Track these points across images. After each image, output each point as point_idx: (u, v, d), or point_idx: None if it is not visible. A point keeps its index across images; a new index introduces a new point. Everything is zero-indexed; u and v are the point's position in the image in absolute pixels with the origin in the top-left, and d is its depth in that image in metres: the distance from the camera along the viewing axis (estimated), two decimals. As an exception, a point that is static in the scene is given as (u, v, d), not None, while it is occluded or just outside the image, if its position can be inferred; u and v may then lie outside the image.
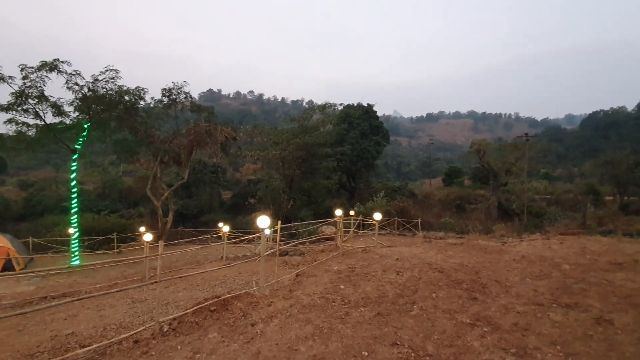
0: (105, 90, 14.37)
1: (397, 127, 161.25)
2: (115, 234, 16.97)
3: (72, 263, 12.96)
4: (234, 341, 3.76)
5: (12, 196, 45.04)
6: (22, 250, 13.48)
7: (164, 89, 17.75)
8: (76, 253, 13.34)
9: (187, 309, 4.92)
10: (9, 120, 12.95)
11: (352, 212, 15.24)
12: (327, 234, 14.79)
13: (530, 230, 21.39)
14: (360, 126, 36.82)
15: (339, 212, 10.70)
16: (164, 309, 6.75)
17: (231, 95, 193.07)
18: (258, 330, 3.99)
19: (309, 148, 26.68)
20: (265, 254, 6.19)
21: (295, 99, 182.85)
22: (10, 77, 12.12)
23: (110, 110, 15.16)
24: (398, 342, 3.72)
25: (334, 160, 30.06)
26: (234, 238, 16.07)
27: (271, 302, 5.03)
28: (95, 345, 3.91)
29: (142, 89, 15.94)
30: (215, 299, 4.87)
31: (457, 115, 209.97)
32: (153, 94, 17.44)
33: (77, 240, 13.53)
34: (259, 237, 6.32)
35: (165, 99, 18.01)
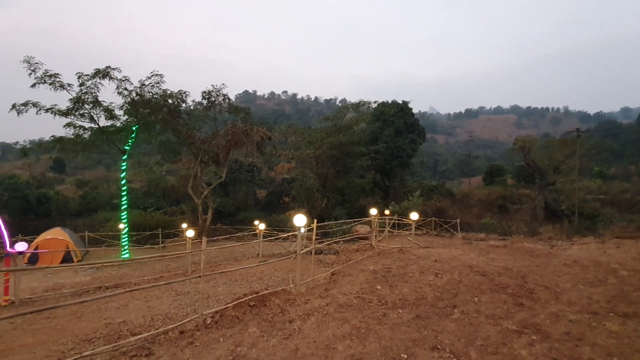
0: (151, 94, 15.30)
1: (434, 124, 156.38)
2: (160, 229, 18.00)
3: (122, 256, 13.93)
4: (272, 336, 3.84)
5: (70, 194, 49.31)
6: (79, 243, 14.72)
7: (204, 92, 18.53)
8: (126, 247, 14.32)
9: (227, 303, 5.10)
10: (68, 124, 14.18)
11: (386, 212, 14.99)
12: (362, 233, 14.67)
13: (582, 233, 19.79)
14: (394, 124, 36.10)
15: (373, 211, 10.57)
16: (206, 302, 7.05)
17: (266, 96, 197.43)
18: (296, 327, 4.05)
19: (342, 147, 26.58)
20: (301, 252, 6.26)
21: (328, 98, 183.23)
22: (69, 85, 13.28)
23: (156, 113, 16.07)
24: (439, 347, 3.60)
25: (368, 159, 29.74)
26: (270, 236, 16.43)
27: (307, 299, 5.08)
28: (145, 334, 4.17)
29: (184, 92, 16.76)
30: (254, 295, 5.01)
31: (498, 110, 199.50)
32: (193, 97, 18.30)
33: (126, 235, 14.52)
34: (294, 236, 6.40)
35: (205, 101, 18.78)
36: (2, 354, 4.62)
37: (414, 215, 10.30)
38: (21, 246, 7.04)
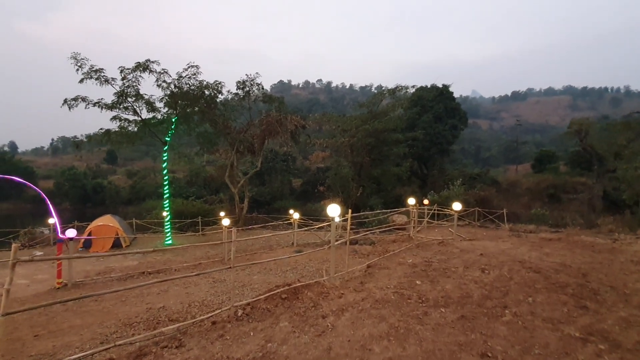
0: (188, 85, 15.65)
1: (477, 108, 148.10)
2: (200, 217, 18.67)
3: (165, 243, 14.61)
4: (304, 333, 3.65)
5: (121, 183, 53.13)
6: (127, 230, 15.63)
7: (239, 82, 18.66)
8: (169, 234, 15.00)
9: (260, 294, 5.00)
10: (114, 117, 14.96)
11: (425, 201, 14.31)
12: (399, 224, 14.16)
13: (648, 225, 17.70)
14: (434, 109, 34.44)
15: (411, 200, 10.06)
16: (241, 290, 7.09)
17: (300, 85, 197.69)
18: (329, 324, 3.83)
19: (378, 134, 25.81)
20: (336, 243, 6.02)
21: (363, 85, 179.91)
22: (113, 79, 13.93)
23: (194, 105, 16.48)
24: (489, 354, 3.20)
25: (405, 147, 28.67)
26: (304, 225, 16.41)
27: (342, 293, 4.84)
28: (178, 324, 4.17)
29: (220, 83, 16.98)
30: (287, 287, 4.86)
31: (550, 92, 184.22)
32: (228, 87, 18.50)
33: (169, 223, 15.19)
34: (330, 225, 6.17)
35: (240, 91, 18.94)
36: (52, 335, 4.89)
37: (457, 205, 9.64)
38: (71, 233, 7.47)
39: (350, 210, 7.31)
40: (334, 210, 5.74)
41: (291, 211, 14.69)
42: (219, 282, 7.66)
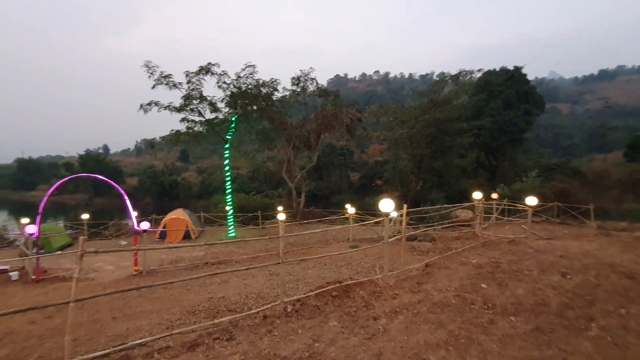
0: (246, 85, 16.32)
1: (555, 91, 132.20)
2: (260, 211, 19.48)
3: (229, 235, 15.50)
4: (354, 334, 3.48)
5: (193, 180, 58.17)
6: (196, 222, 16.94)
7: (294, 78, 18.94)
8: (232, 227, 15.89)
9: (311, 290, 4.94)
10: (183, 119, 16.25)
11: (493, 195, 13.06)
12: (463, 220, 13.16)
13: None
14: (503, 94, 31.39)
15: (477, 194, 9.19)
16: (295, 284, 7.14)
17: (357, 78, 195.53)
18: (380, 327, 3.59)
19: (439, 124, 24.32)
20: (391, 240, 5.70)
21: (424, 73, 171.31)
22: (180, 83, 15.08)
23: (252, 103, 17.15)
24: (571, 376, 2.70)
25: (470, 136, 26.62)
26: (361, 220, 16.13)
27: (396, 294, 4.55)
28: (230, 317, 4.28)
29: (275, 81, 17.39)
30: (337, 285, 4.72)
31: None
32: (284, 84, 18.83)
33: (232, 216, 16.08)
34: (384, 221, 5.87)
35: (295, 87, 19.22)
36: (127, 318, 5.39)
37: (531, 200, 8.56)
38: (145, 225, 8.23)
39: (406, 205, 6.90)
40: (387, 205, 5.43)
41: (347, 205, 14.51)
42: (275, 275, 7.82)
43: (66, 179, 10.06)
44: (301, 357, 3.09)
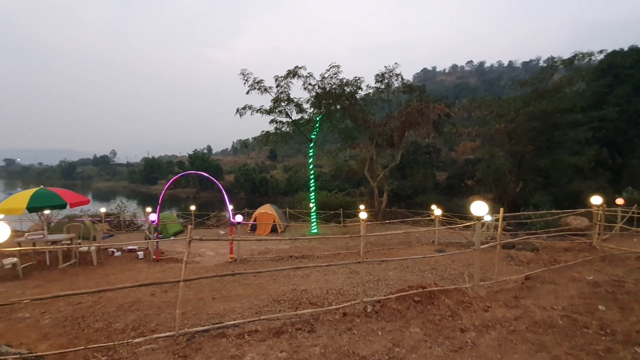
0: (330, 85, 16.70)
1: None
2: (341, 209, 19.77)
3: (311, 231, 16.11)
4: (437, 344, 3.26)
5: (280, 177, 62.21)
6: (282, 217, 18.05)
7: (377, 75, 18.65)
8: (314, 223, 16.48)
9: (392, 293, 4.81)
10: (272, 121, 17.45)
11: (618, 201, 10.83)
12: (575, 228, 11.25)
13: None
14: (633, 78, 25.82)
15: (596, 199, 7.73)
16: (375, 284, 7.05)
17: (446, 71, 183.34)
18: (469, 340, 3.30)
19: (546, 116, 21.24)
20: (483, 246, 5.19)
21: (527, 60, 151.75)
22: (270, 88, 16.22)
23: (336, 103, 17.46)
24: None
25: (588, 130, 22.63)
26: (448, 222, 15.09)
27: (488, 306, 4.12)
28: (312, 310, 4.43)
29: (359, 79, 17.38)
30: (421, 290, 4.49)
31: None
32: (368, 82, 18.72)
33: (314, 213, 16.68)
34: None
35: (379, 84, 18.90)
36: (224, 299, 6.03)
37: (674, 208, 6.84)
38: (239, 218, 9.09)
39: (502, 209, 6.18)
40: (479, 207, 4.95)
41: (433, 207, 13.71)
42: (355, 274, 7.84)
43: (178, 175, 11.93)
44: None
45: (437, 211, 12.77)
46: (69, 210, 11.62)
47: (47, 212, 10.52)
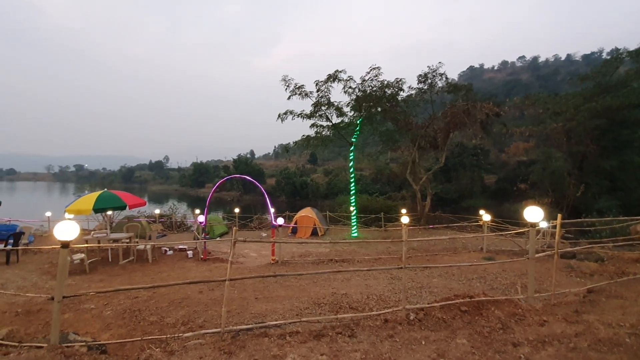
0: (370, 88, 16.54)
1: None
2: (382, 213, 19.41)
3: (352, 235, 16.01)
4: (487, 358, 3.07)
5: (320, 180, 62.73)
6: (322, 221, 18.14)
7: (420, 75, 18.16)
8: (355, 227, 16.36)
9: (436, 301, 4.62)
10: (312, 125, 17.65)
11: None
12: (649, 237, 10.02)
13: None
14: None
15: (675, 205, 6.85)
16: (418, 291, 6.83)
17: (495, 67, 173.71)
18: (522, 355, 3.07)
19: (611, 113, 19.28)
20: (538, 255, 4.81)
21: (588, 52, 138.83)
22: (310, 92, 16.43)
23: (376, 105, 17.26)
24: None
25: (662, 127, 20.11)
26: (498, 229, 14.20)
27: (544, 320, 3.81)
28: (352, 315, 4.39)
29: (400, 80, 17.02)
30: (468, 299, 4.26)
31: None
32: (410, 83, 18.32)
33: (355, 217, 16.56)
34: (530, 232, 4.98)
35: (422, 85, 18.39)
36: (266, 300, 6.19)
37: None
38: (280, 220, 9.30)
39: (560, 215, 5.68)
40: (534, 213, 4.61)
41: (481, 212, 12.98)
42: (396, 280, 7.65)
43: (224, 179, 12.56)
44: (424, 370, 2.92)
45: (485, 216, 12.07)
46: (128, 211, 12.68)
47: (109, 212, 11.56)
